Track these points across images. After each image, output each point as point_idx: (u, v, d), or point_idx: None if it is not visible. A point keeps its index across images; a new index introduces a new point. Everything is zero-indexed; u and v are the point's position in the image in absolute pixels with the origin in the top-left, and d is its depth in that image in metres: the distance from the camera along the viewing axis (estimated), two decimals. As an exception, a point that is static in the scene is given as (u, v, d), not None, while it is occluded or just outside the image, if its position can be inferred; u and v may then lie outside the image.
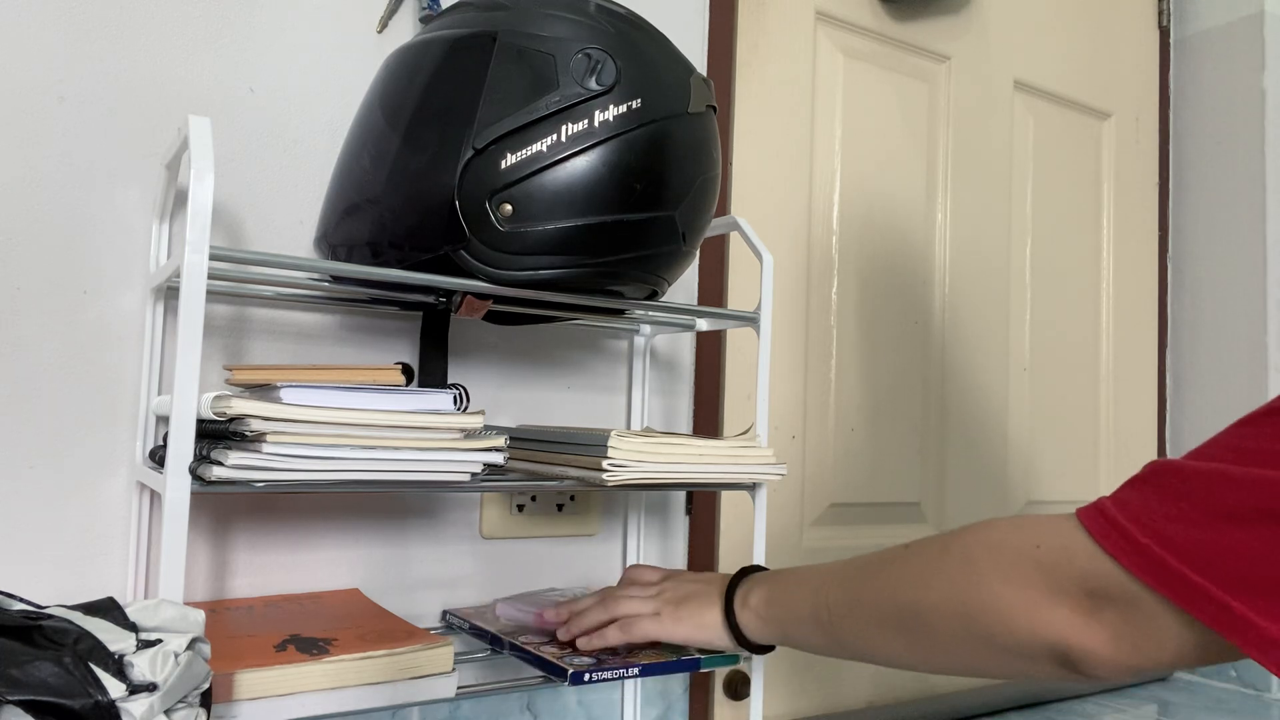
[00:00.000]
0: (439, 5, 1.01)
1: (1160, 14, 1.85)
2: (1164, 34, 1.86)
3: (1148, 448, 1.78)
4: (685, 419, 1.21)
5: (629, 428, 1.15)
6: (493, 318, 0.99)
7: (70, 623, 0.54)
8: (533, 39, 0.74)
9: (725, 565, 1.24)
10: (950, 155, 1.52)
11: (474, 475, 0.76)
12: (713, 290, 1.24)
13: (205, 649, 0.59)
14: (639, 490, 1.13)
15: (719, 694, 1.23)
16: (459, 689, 0.78)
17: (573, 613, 0.86)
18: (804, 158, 1.35)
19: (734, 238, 1.26)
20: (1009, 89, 1.60)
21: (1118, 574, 0.55)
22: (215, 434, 0.72)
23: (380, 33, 1.00)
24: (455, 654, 0.79)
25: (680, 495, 1.21)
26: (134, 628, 0.57)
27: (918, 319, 1.47)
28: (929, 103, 1.50)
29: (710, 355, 1.23)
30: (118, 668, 0.54)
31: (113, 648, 0.54)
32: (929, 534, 1.47)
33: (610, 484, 0.81)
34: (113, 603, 0.58)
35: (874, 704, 1.38)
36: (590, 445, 0.83)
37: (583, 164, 0.73)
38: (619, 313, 0.98)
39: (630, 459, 0.82)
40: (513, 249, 0.74)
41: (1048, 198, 1.66)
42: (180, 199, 0.88)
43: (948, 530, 0.72)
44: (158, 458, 0.79)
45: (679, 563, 1.20)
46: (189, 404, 0.65)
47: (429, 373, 0.96)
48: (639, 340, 1.14)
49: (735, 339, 1.26)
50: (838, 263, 1.38)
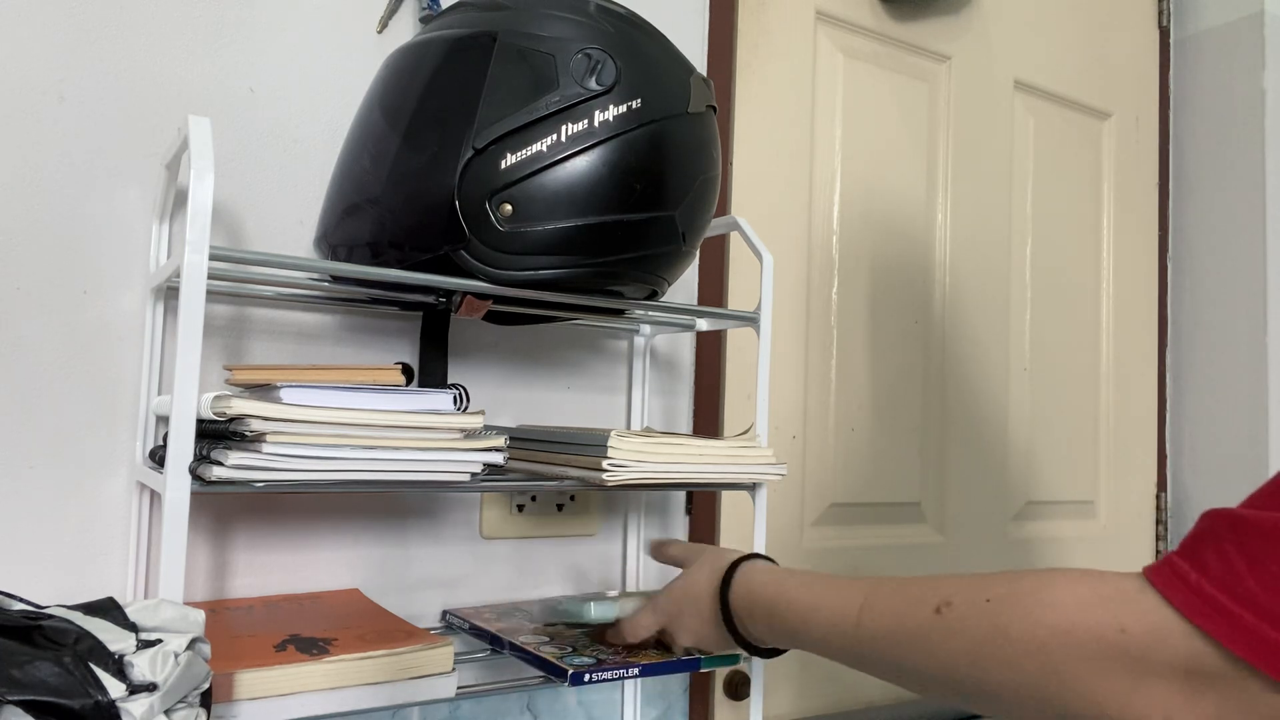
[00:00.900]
0: (439, 5, 1.01)
1: (1160, 14, 1.85)
2: (1164, 34, 1.86)
3: (1148, 448, 1.78)
4: (685, 419, 1.21)
5: (629, 428, 1.15)
6: (493, 318, 0.99)
7: (70, 623, 0.54)
8: (533, 39, 0.74)
9: (725, 565, 1.24)
10: (950, 155, 1.52)
11: (474, 475, 0.76)
12: (713, 290, 1.24)
13: (205, 649, 0.59)
14: (639, 490, 1.13)
15: (719, 694, 1.23)
16: (459, 689, 0.78)
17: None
18: (804, 158, 1.35)
19: (734, 238, 1.26)
20: (1009, 89, 1.60)
21: (1217, 654, 0.50)
22: (215, 434, 0.72)
23: (380, 33, 1.00)
24: (455, 654, 0.79)
25: (680, 495, 1.21)
26: (134, 628, 0.57)
27: (918, 319, 1.47)
28: (929, 103, 1.50)
29: (710, 355, 1.23)
30: (118, 668, 0.54)
31: (113, 648, 0.54)
32: (929, 534, 1.48)
33: (610, 484, 0.81)
34: (113, 603, 0.58)
35: (874, 704, 1.38)
36: (590, 445, 0.83)
37: (583, 164, 0.73)
38: (619, 313, 0.98)
39: (630, 459, 0.82)
40: (513, 249, 0.74)
41: (1048, 198, 1.66)
42: (180, 199, 0.88)
43: (974, 578, 0.64)
44: (158, 458, 0.79)
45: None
46: (189, 404, 0.65)
47: (429, 373, 0.96)
48: (639, 340, 1.14)
49: (735, 339, 1.26)
50: (838, 263, 1.38)
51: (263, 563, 0.92)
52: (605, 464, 0.80)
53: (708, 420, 1.23)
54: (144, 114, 0.88)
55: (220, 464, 0.67)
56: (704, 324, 1.05)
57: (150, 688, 0.54)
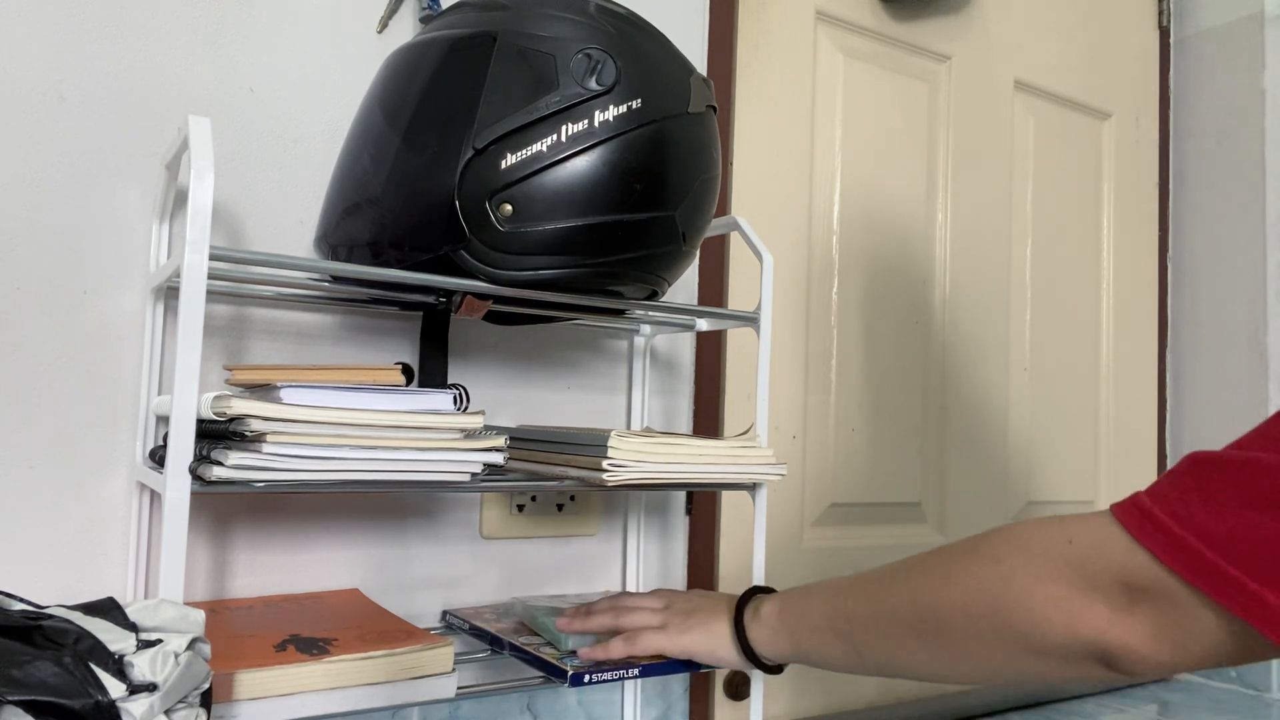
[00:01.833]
0: (439, 5, 1.01)
1: (1160, 14, 1.85)
2: (1164, 34, 1.86)
3: (1148, 448, 1.78)
4: (685, 419, 1.21)
5: (629, 428, 1.15)
6: (493, 318, 0.99)
7: (70, 623, 0.54)
8: (533, 39, 0.74)
9: (725, 565, 1.24)
10: (950, 155, 1.52)
11: (474, 475, 0.76)
12: (713, 290, 1.24)
13: (205, 649, 0.59)
14: (639, 490, 1.13)
15: (719, 694, 1.23)
16: (459, 689, 0.78)
17: (583, 612, 0.86)
18: (804, 158, 1.35)
19: (734, 238, 1.26)
20: (1009, 89, 1.60)
21: (1154, 568, 0.54)
22: (215, 434, 0.72)
23: (380, 33, 1.00)
24: (455, 654, 0.79)
25: (680, 495, 1.21)
26: (134, 628, 0.57)
27: (918, 319, 1.47)
28: (929, 103, 1.50)
29: (710, 355, 1.23)
30: (118, 668, 0.54)
31: (113, 648, 0.54)
32: (929, 534, 1.48)
33: (610, 484, 0.81)
34: (113, 603, 0.58)
35: (874, 704, 1.38)
36: (590, 445, 0.83)
37: (583, 164, 0.73)
38: (619, 313, 0.98)
39: (630, 459, 0.82)
40: (513, 249, 0.74)
41: (1048, 198, 1.66)
42: (180, 199, 0.88)
43: (968, 536, 0.71)
44: (158, 458, 0.79)
45: (679, 563, 1.20)
46: (189, 404, 0.65)
47: (429, 373, 0.96)
48: (639, 340, 1.14)
49: (735, 339, 1.26)
50: (838, 263, 1.38)
51: (263, 563, 0.92)
52: (605, 464, 0.80)
53: (708, 420, 1.23)
54: (144, 114, 0.88)
55: (220, 464, 0.67)
56: (704, 324, 1.05)
57: (150, 688, 0.54)
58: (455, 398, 0.77)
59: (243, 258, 0.71)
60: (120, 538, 0.86)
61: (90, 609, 0.57)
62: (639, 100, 0.75)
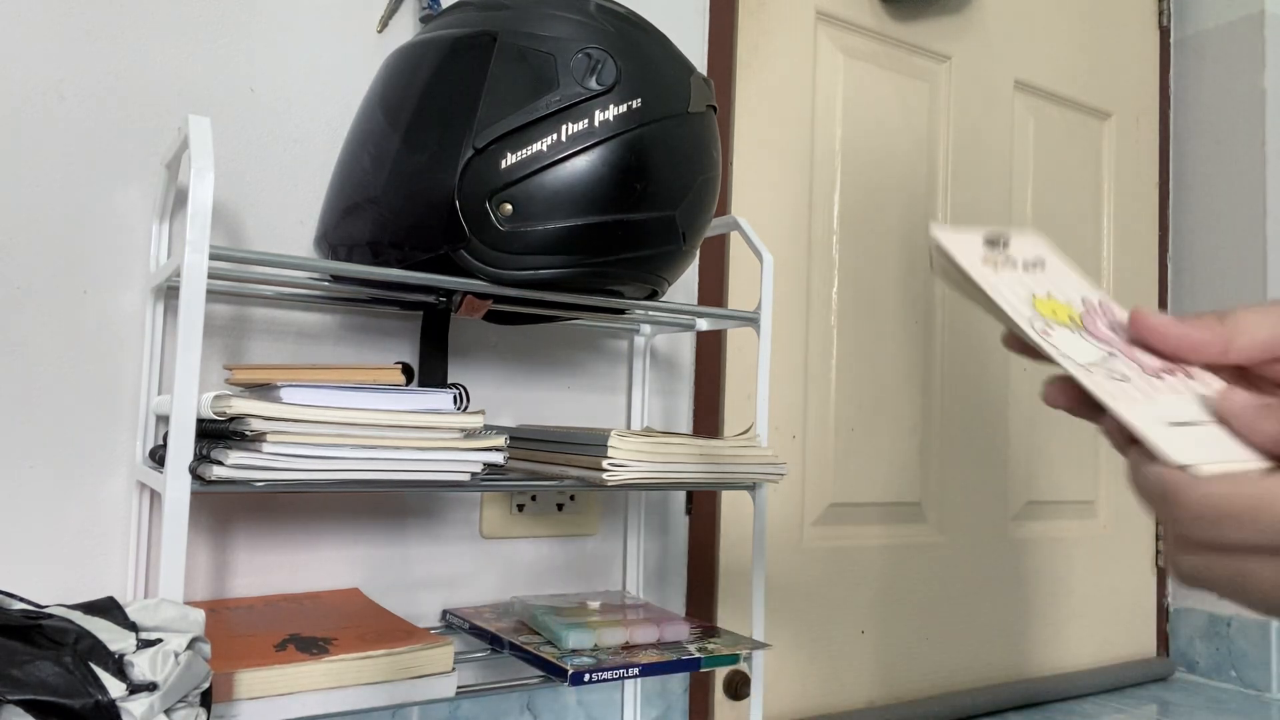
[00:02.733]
0: (439, 5, 1.01)
1: (1160, 14, 1.85)
2: (1164, 34, 1.86)
3: (1148, 448, 1.78)
4: (685, 419, 1.21)
5: (629, 428, 1.15)
6: (493, 317, 0.99)
7: (70, 622, 0.54)
8: (533, 39, 0.74)
9: (725, 565, 1.24)
10: (950, 155, 1.52)
11: (474, 475, 0.76)
12: (713, 290, 1.24)
13: (205, 648, 0.59)
14: (639, 490, 1.13)
15: (719, 694, 1.23)
16: (459, 689, 0.78)
17: None
18: (804, 158, 1.35)
19: (734, 238, 1.26)
20: (1009, 89, 1.60)
21: None
22: (215, 434, 0.72)
23: (380, 33, 1.00)
24: (455, 654, 0.79)
25: (680, 495, 1.21)
26: (134, 627, 0.57)
27: (918, 319, 1.47)
28: (929, 103, 1.50)
29: (710, 355, 1.23)
30: (118, 667, 0.54)
31: (113, 647, 0.54)
32: (929, 534, 1.48)
33: (610, 484, 0.81)
34: (113, 602, 0.58)
35: (874, 704, 1.38)
36: (590, 445, 0.83)
37: (583, 164, 0.73)
38: (619, 313, 0.98)
39: (630, 459, 0.82)
40: (513, 249, 0.74)
41: (1048, 198, 1.66)
42: (180, 199, 0.88)
43: None
44: (158, 457, 0.79)
45: (679, 563, 1.20)
46: (189, 404, 0.65)
47: (429, 373, 0.96)
48: (639, 340, 1.14)
49: (735, 339, 1.26)
50: (838, 263, 1.38)
51: (263, 562, 0.92)
52: (605, 464, 0.80)
53: (708, 420, 1.23)
54: (144, 114, 0.88)
55: (220, 464, 0.67)
56: (704, 324, 1.05)
57: (150, 687, 0.54)
58: (455, 397, 0.77)
59: (243, 257, 0.71)
60: (120, 537, 0.86)
61: (90, 609, 0.57)
62: (639, 100, 0.75)
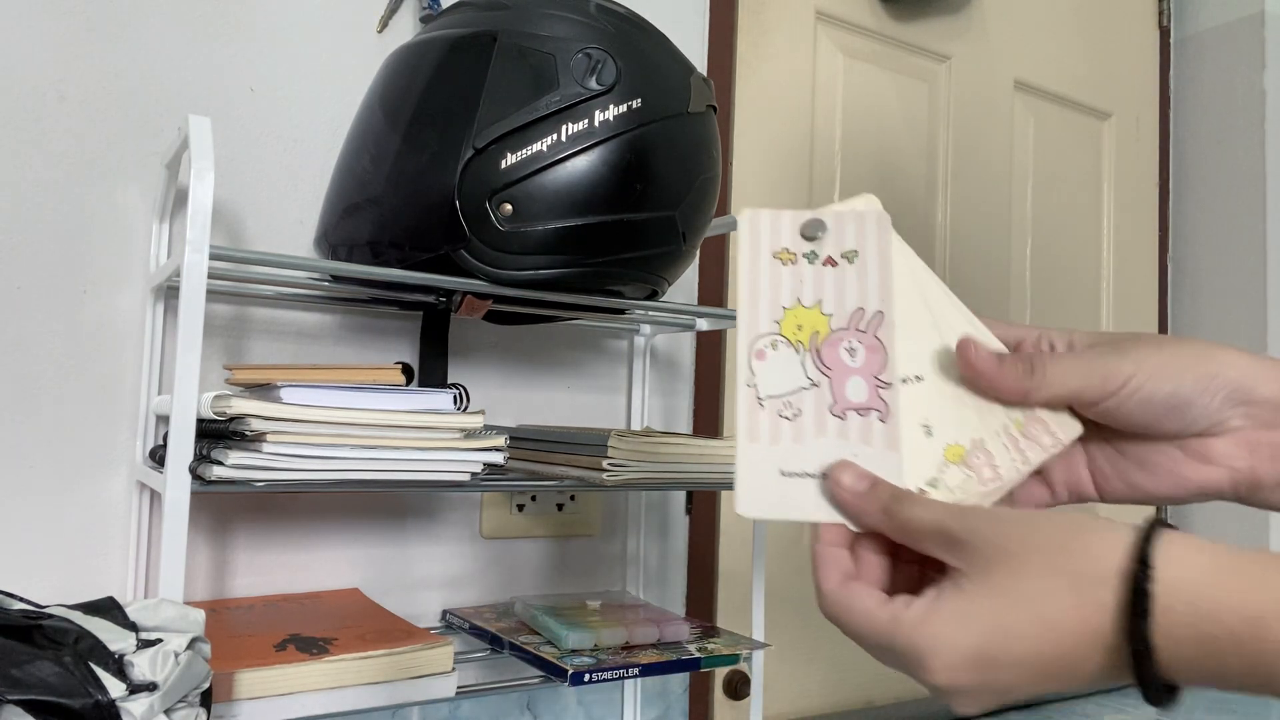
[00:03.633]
0: (439, 5, 1.01)
1: (1160, 14, 1.85)
2: (1164, 34, 1.86)
3: (1148, 448, 1.78)
4: (685, 419, 1.21)
5: (629, 428, 1.15)
6: (493, 318, 0.99)
7: (70, 622, 0.54)
8: (533, 39, 0.74)
9: (725, 565, 1.24)
10: (950, 155, 1.52)
11: (474, 475, 0.76)
12: (713, 290, 1.24)
13: (205, 648, 0.59)
14: (639, 490, 1.13)
15: (719, 694, 1.23)
16: (459, 689, 0.78)
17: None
18: (804, 158, 1.35)
19: (734, 238, 1.26)
20: (1009, 89, 1.60)
21: None
22: (215, 434, 0.72)
23: (380, 33, 1.00)
24: (455, 654, 0.79)
25: (680, 495, 1.21)
26: (134, 627, 0.57)
27: (918, 319, 1.47)
28: (929, 103, 1.50)
29: (710, 355, 1.23)
30: (118, 667, 0.54)
31: (113, 647, 0.54)
32: (929, 534, 1.48)
33: (610, 484, 0.81)
34: (113, 602, 0.58)
35: (874, 704, 1.38)
36: (590, 445, 0.83)
37: (583, 164, 0.73)
38: (619, 313, 0.98)
39: (630, 459, 0.82)
40: (513, 249, 0.74)
41: (1048, 198, 1.66)
42: (180, 198, 0.87)
43: None
44: (158, 457, 0.79)
45: (679, 562, 1.20)
46: (189, 404, 0.65)
47: (429, 372, 0.96)
48: (639, 340, 1.14)
49: (735, 339, 1.26)
50: (838, 263, 1.38)
51: (263, 562, 0.92)
52: (605, 464, 0.80)
53: (708, 420, 1.22)
54: (144, 114, 0.88)
55: (220, 463, 0.67)
56: (704, 324, 1.05)
57: (150, 687, 0.54)
58: (455, 397, 0.77)
59: (243, 257, 0.71)
60: (120, 537, 0.86)
61: (90, 609, 0.57)
62: (639, 100, 0.75)
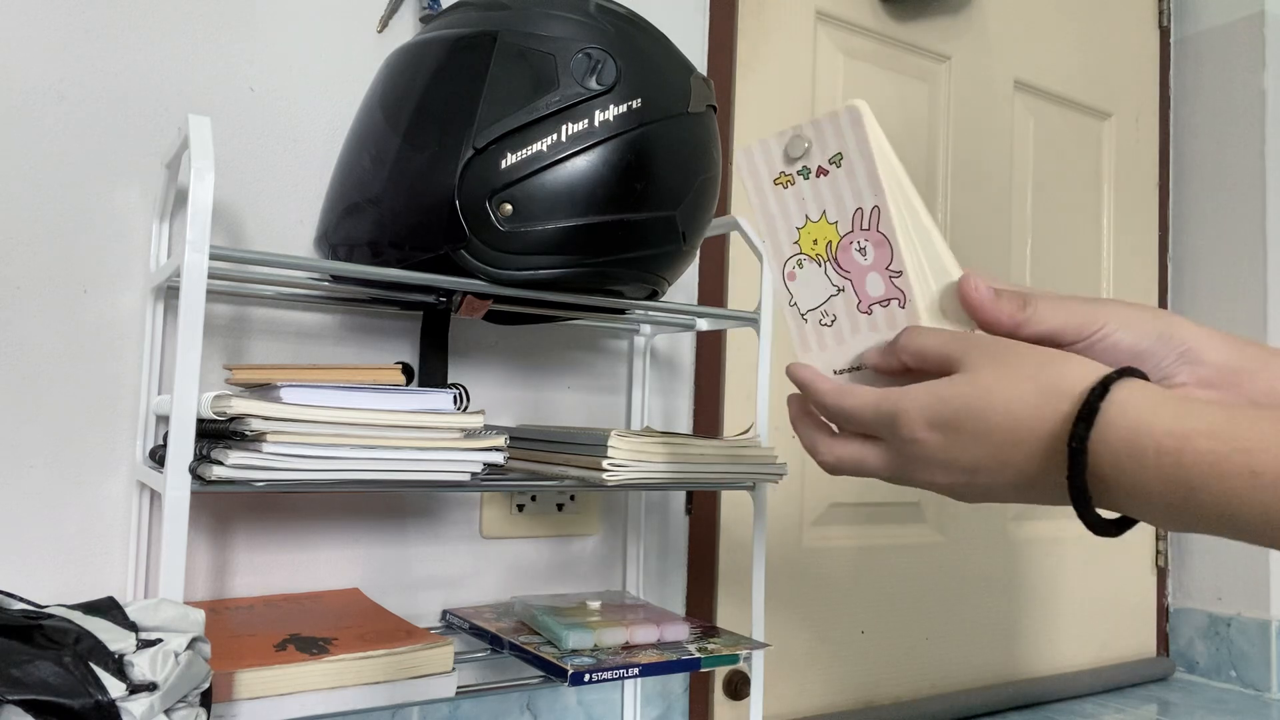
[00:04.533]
0: (439, 5, 1.01)
1: (1160, 14, 1.85)
2: (1164, 34, 1.86)
3: (1148, 448, 1.78)
4: (685, 419, 1.21)
5: (629, 428, 1.15)
6: (493, 317, 0.99)
7: (70, 622, 0.54)
8: (533, 38, 0.74)
9: (725, 565, 1.24)
10: (950, 155, 1.52)
11: (474, 475, 0.76)
12: (713, 290, 1.24)
13: (205, 648, 0.59)
14: (639, 490, 1.13)
15: (719, 694, 1.23)
16: (459, 689, 0.78)
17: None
18: (804, 158, 1.35)
19: (734, 237, 1.26)
20: (1009, 89, 1.60)
21: None
22: (215, 433, 0.72)
23: (380, 32, 1.00)
24: (455, 654, 0.79)
25: (680, 495, 1.21)
26: (134, 627, 0.57)
27: (918, 319, 1.47)
28: (929, 103, 1.50)
29: (710, 355, 1.23)
30: (118, 667, 0.54)
31: (113, 647, 0.54)
32: (929, 534, 1.48)
33: (610, 484, 0.81)
34: (113, 602, 0.58)
35: (874, 703, 1.38)
36: (590, 445, 0.83)
37: (583, 164, 0.73)
38: (619, 313, 0.98)
39: (630, 459, 0.82)
40: (513, 249, 0.74)
41: (1048, 198, 1.66)
42: (180, 198, 0.87)
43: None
44: (158, 457, 0.79)
45: (679, 562, 1.20)
46: (189, 403, 0.65)
47: (429, 373, 0.96)
48: (639, 340, 1.14)
49: (735, 339, 1.26)
50: (838, 263, 1.38)
51: (263, 562, 0.92)
52: (605, 464, 0.80)
53: (708, 420, 1.22)
54: (144, 113, 0.88)
55: (220, 463, 0.67)
56: (704, 324, 1.05)
57: (150, 687, 0.54)
58: (455, 397, 0.77)
59: (243, 257, 0.71)
60: (120, 537, 0.86)
61: (90, 608, 0.57)
62: (639, 100, 0.75)
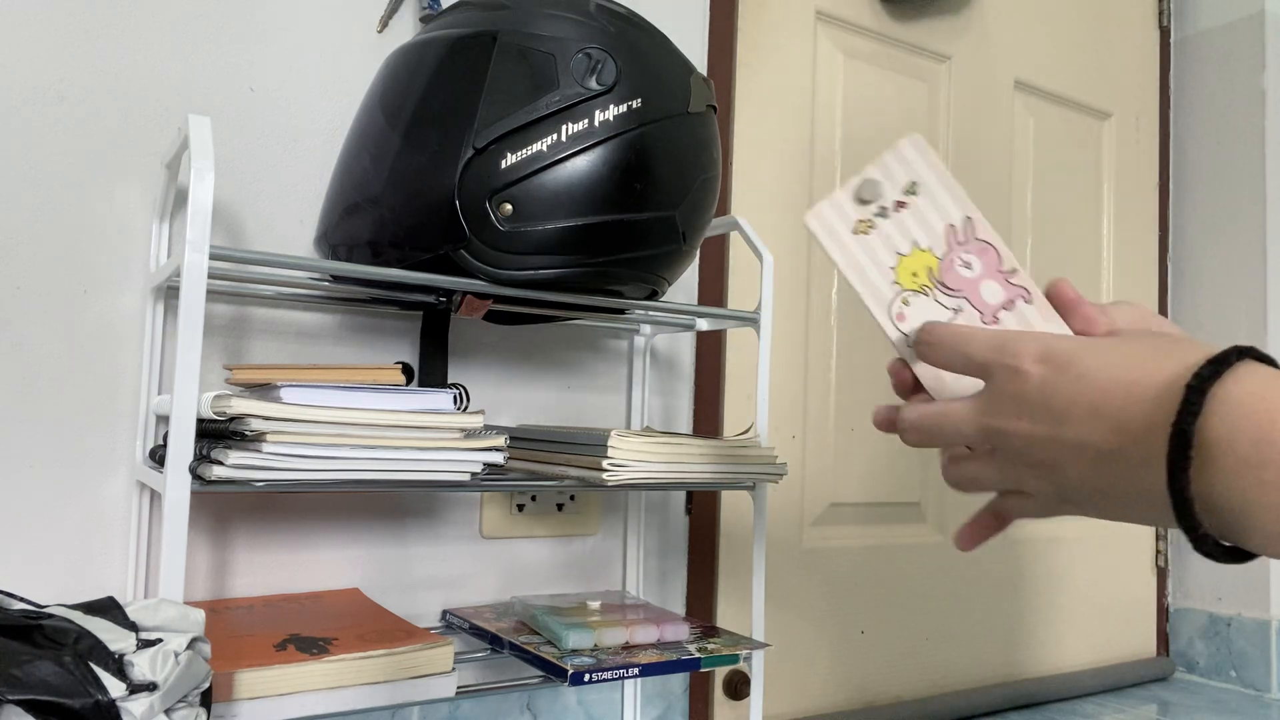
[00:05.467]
0: (439, 5, 1.01)
1: (1160, 14, 1.85)
2: (1164, 34, 1.86)
3: (1148, 448, 1.78)
4: (685, 419, 1.21)
5: (629, 428, 1.15)
6: (493, 317, 0.99)
7: (70, 622, 0.54)
8: (533, 38, 0.74)
9: (725, 565, 1.24)
10: (950, 155, 1.52)
11: (474, 475, 0.76)
12: (713, 290, 1.24)
13: (205, 648, 0.59)
14: (639, 490, 1.13)
15: (719, 694, 1.23)
16: (459, 689, 0.78)
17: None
18: (804, 158, 1.35)
19: (734, 238, 1.26)
20: (1009, 89, 1.60)
21: None
22: (215, 433, 0.72)
23: (380, 32, 1.00)
24: (455, 654, 0.79)
25: (680, 495, 1.21)
26: (134, 627, 0.57)
27: (918, 319, 1.47)
28: (929, 103, 1.50)
29: (710, 355, 1.23)
30: (118, 667, 0.54)
31: (113, 647, 0.54)
32: (929, 534, 1.48)
33: (610, 484, 0.81)
34: (113, 602, 0.58)
35: (874, 703, 1.38)
36: (590, 445, 0.83)
37: (583, 164, 0.73)
38: (619, 313, 0.98)
39: (630, 459, 0.82)
40: (513, 249, 0.74)
41: (1048, 198, 1.66)
42: (180, 198, 0.88)
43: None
44: (158, 457, 0.79)
45: (679, 562, 1.20)
46: (189, 403, 0.65)
47: (429, 372, 0.96)
48: (639, 340, 1.14)
49: (735, 339, 1.26)
50: (838, 263, 1.38)
51: (263, 562, 0.92)
52: (605, 464, 0.80)
53: (708, 420, 1.22)
54: (144, 113, 0.88)
55: (220, 463, 0.67)
56: (704, 324, 1.05)
57: (150, 687, 0.54)
58: (455, 397, 0.77)
59: (243, 257, 0.71)
60: (120, 537, 0.86)
61: (90, 608, 0.57)
62: (639, 100, 0.75)
